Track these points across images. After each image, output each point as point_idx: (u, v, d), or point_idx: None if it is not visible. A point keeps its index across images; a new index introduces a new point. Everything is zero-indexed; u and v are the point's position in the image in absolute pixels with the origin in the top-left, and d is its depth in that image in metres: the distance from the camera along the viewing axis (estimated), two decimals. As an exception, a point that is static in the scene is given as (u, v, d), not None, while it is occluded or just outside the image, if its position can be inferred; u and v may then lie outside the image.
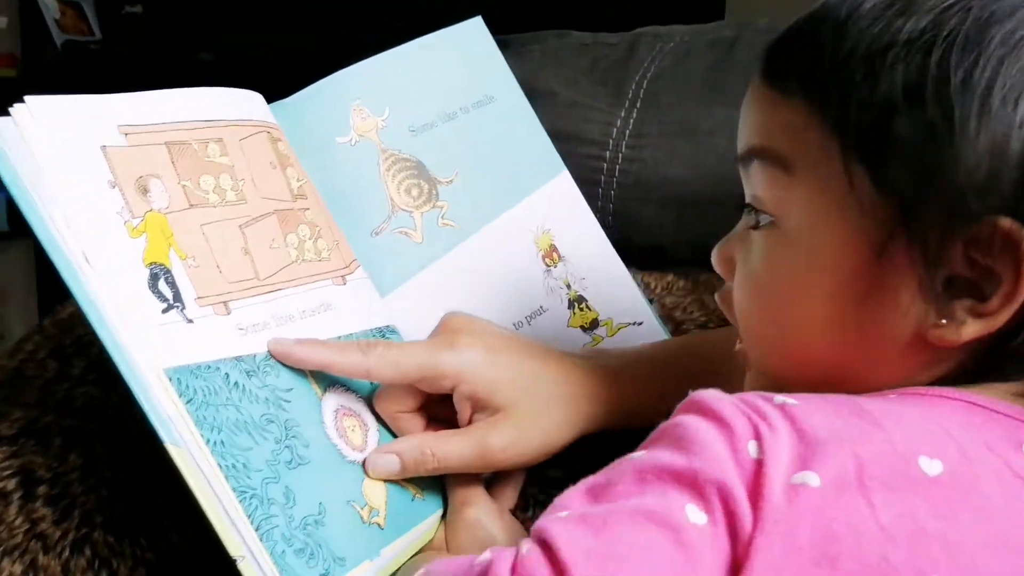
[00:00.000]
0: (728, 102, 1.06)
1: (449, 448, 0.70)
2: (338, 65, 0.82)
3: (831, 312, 0.58)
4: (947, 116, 0.52)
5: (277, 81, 0.84)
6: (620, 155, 1.07)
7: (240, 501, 0.60)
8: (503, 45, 0.89)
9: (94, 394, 0.75)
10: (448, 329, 0.73)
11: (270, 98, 0.80)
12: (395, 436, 0.73)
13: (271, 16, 2.45)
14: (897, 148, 0.54)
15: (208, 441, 0.61)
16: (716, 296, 0.67)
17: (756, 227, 0.61)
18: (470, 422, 0.72)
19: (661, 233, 1.07)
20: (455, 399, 0.72)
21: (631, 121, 1.09)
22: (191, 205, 0.67)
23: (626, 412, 0.74)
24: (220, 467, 0.60)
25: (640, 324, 0.89)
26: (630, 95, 1.11)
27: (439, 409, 0.74)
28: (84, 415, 0.74)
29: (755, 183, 0.61)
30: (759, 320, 0.62)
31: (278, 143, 0.76)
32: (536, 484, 0.76)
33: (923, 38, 0.54)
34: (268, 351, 0.68)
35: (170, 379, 0.61)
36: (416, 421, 0.73)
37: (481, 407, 0.71)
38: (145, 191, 0.65)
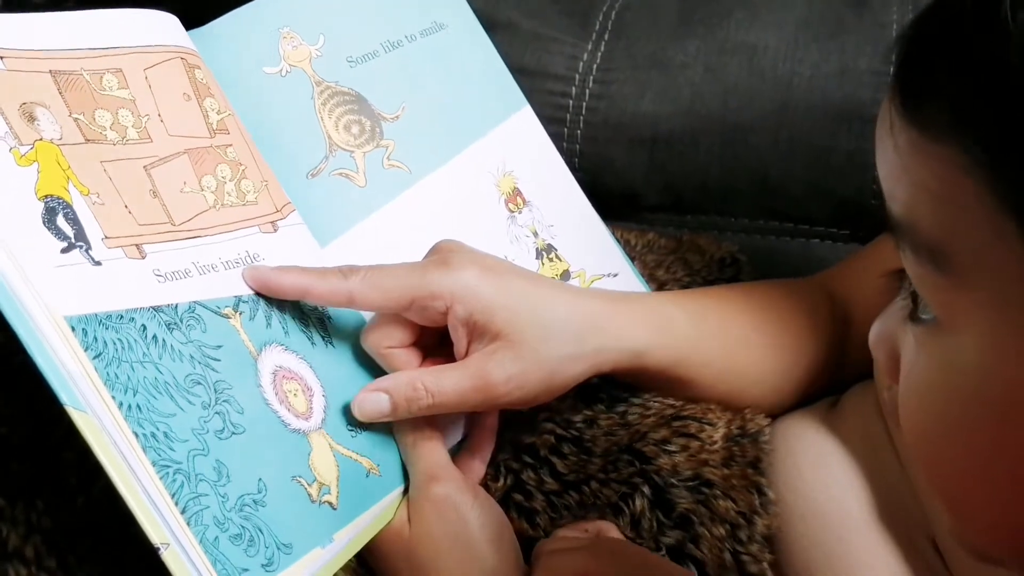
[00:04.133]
0: (702, 33, 1.01)
1: (444, 383, 0.61)
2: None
3: None
4: None
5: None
6: (587, 91, 0.99)
7: (161, 477, 0.50)
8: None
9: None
10: (439, 251, 0.65)
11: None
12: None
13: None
14: None
15: (121, 405, 0.50)
16: (881, 400, 0.53)
17: (915, 319, 0.44)
18: (467, 355, 0.63)
19: (632, 176, 0.98)
20: (450, 326, 0.63)
21: (599, 54, 1.00)
22: (87, 140, 0.57)
23: (639, 352, 0.66)
24: (136, 436, 0.50)
25: (616, 275, 0.80)
26: (597, 26, 1.01)
27: (437, 352, 0.65)
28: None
29: (907, 266, 0.43)
30: (933, 465, 0.45)
31: (195, 70, 0.66)
32: (509, 451, 0.68)
33: None
34: (246, 281, 0.61)
35: (72, 329, 0.50)
36: (410, 357, 0.65)
37: (479, 334, 0.62)
38: (32, 119, 0.54)
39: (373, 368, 0.66)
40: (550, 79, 0.75)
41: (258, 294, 0.61)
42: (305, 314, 0.64)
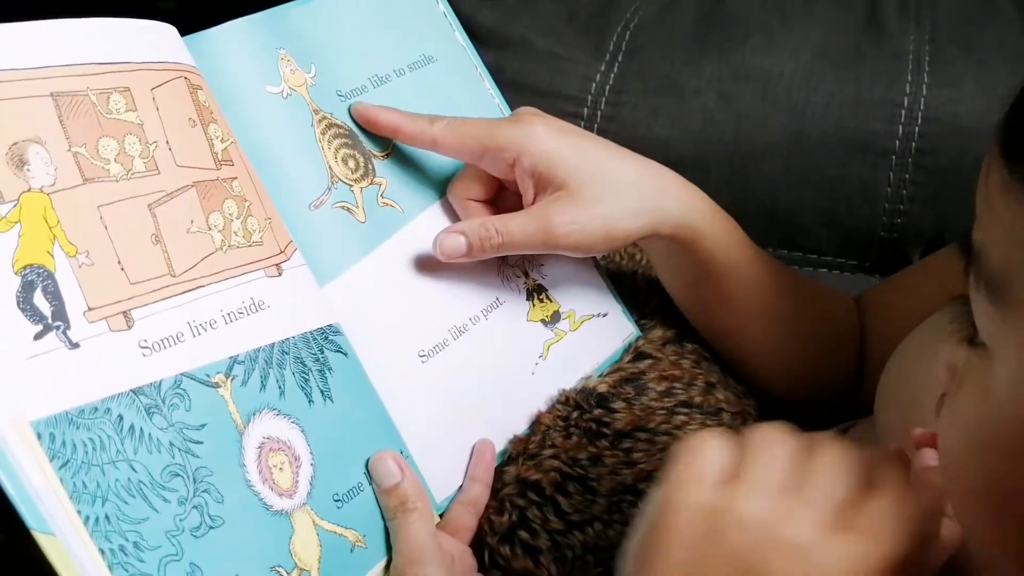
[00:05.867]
0: (716, 57, 0.99)
1: (512, 225, 0.68)
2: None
3: None
4: None
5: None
6: (599, 112, 0.98)
7: None
8: (472, -14, 0.78)
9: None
10: (517, 113, 0.72)
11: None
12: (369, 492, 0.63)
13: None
14: None
15: (87, 519, 0.46)
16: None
17: (972, 342, 0.44)
18: (533, 204, 0.70)
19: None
20: (518, 177, 0.69)
21: (612, 76, 0.99)
22: (85, 180, 0.52)
23: (696, 230, 0.70)
24: (103, 552, 0.46)
25: (605, 315, 0.78)
26: (611, 47, 1.01)
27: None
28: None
29: (970, 291, 0.43)
30: (961, 489, 0.45)
31: (198, 91, 0.61)
32: (515, 487, 0.68)
33: None
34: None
35: (38, 436, 0.46)
36: (485, 211, 0.72)
37: (543, 184, 0.69)
38: (21, 163, 0.50)
39: (371, 427, 0.63)
40: (562, 99, 0.74)
41: (256, 354, 0.58)
42: (307, 367, 0.61)
